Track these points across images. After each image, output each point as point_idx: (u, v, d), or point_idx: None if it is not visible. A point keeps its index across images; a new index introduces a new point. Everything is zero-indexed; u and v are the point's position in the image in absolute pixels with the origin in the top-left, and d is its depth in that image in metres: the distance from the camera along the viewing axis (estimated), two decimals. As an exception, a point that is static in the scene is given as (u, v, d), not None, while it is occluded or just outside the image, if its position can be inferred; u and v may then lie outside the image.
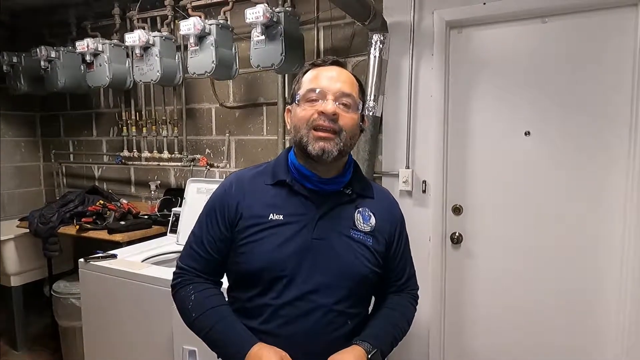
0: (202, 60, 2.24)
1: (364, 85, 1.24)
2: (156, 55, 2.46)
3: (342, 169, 1.09)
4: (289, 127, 1.10)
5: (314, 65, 1.09)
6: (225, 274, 1.14)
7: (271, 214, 1.04)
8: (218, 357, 1.08)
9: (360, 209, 1.09)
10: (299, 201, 1.05)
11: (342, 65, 1.09)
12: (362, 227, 1.07)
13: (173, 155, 2.82)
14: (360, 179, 1.14)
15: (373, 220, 1.09)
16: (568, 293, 1.95)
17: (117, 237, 2.34)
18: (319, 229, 1.03)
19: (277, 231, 1.02)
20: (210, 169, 2.70)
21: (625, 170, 1.81)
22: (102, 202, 2.63)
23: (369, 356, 1.00)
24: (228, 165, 2.68)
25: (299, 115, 1.03)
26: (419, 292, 1.23)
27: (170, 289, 1.13)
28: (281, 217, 1.03)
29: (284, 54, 2.06)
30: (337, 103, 1.01)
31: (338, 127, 1.00)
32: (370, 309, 1.19)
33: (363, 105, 1.09)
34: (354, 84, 1.06)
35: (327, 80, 1.03)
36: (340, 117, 1.01)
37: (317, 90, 1.02)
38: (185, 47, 2.40)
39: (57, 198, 3.12)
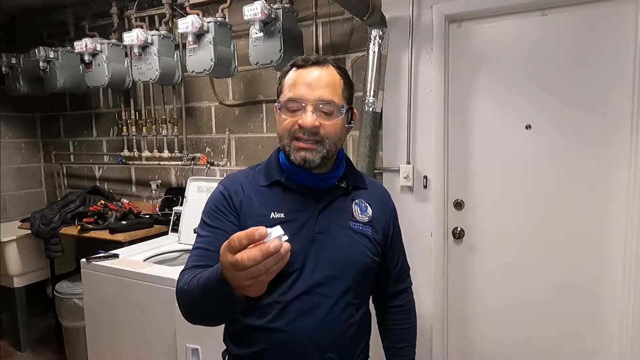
0: (200, 59, 2.24)
1: (357, 79, 1.22)
2: (155, 54, 2.45)
3: (334, 164, 1.10)
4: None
5: (295, 65, 1.03)
6: None
7: (272, 213, 1.03)
8: (211, 314, 0.96)
9: (356, 201, 1.11)
10: (296, 199, 1.06)
11: (324, 63, 1.02)
12: (361, 218, 1.09)
13: (173, 154, 2.82)
14: (353, 171, 1.15)
15: (370, 210, 1.11)
16: (571, 287, 1.95)
17: (119, 236, 2.34)
18: (320, 223, 1.04)
19: None
20: (211, 168, 2.70)
21: (627, 164, 1.81)
22: (103, 202, 2.63)
23: None
24: (228, 163, 2.68)
25: (281, 124, 1.03)
26: (418, 286, 1.26)
27: (173, 288, 1.11)
28: (282, 214, 1.03)
29: (282, 50, 2.05)
30: (317, 112, 0.98)
31: (320, 137, 0.99)
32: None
33: (351, 101, 1.07)
34: (335, 85, 1.01)
35: (305, 88, 0.99)
36: (321, 126, 0.99)
37: (296, 101, 0.99)
38: (184, 45, 2.40)
39: (58, 199, 3.13)
